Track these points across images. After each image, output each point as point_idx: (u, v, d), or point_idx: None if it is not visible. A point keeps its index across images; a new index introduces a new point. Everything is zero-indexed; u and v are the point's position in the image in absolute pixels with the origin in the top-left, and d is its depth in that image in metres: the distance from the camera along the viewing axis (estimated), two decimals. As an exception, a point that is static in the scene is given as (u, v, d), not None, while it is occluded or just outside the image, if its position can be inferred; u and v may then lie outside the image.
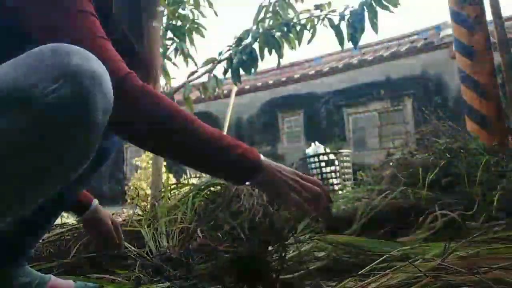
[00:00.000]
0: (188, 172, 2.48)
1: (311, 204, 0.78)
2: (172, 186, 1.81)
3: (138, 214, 1.58)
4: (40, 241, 1.19)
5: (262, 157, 0.77)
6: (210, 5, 2.84)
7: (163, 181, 2.59)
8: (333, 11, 2.41)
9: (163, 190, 1.89)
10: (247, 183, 0.78)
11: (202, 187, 1.64)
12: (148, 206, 1.77)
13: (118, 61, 0.69)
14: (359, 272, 0.76)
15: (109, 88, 0.59)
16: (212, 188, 1.64)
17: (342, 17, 2.33)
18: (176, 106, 0.71)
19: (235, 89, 4.09)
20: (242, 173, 0.75)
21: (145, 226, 1.34)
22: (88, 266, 1.17)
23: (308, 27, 2.52)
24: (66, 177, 0.62)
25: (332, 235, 1.03)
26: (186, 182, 1.93)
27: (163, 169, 3.32)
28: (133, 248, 1.24)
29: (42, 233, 0.99)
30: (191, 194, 1.60)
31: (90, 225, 1.07)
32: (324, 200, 0.80)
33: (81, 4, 0.68)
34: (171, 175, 5.31)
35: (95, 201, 1.06)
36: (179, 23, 2.79)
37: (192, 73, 2.76)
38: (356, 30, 2.24)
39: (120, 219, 1.58)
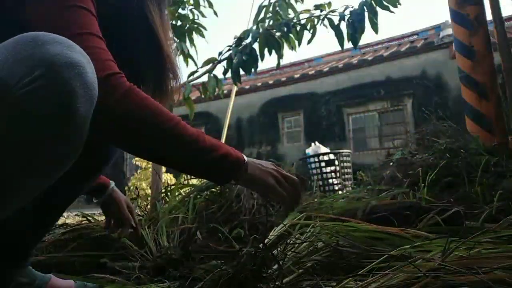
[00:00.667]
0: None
1: (292, 195, 0.82)
2: (173, 187, 1.81)
3: (138, 215, 1.58)
4: (41, 241, 1.19)
5: (245, 156, 0.78)
6: (210, 5, 2.84)
7: (162, 181, 2.59)
8: (333, 11, 2.41)
9: (163, 190, 1.89)
10: (232, 182, 0.79)
11: (203, 187, 1.64)
12: (149, 206, 1.77)
13: (105, 59, 0.65)
14: (359, 272, 0.76)
15: (92, 78, 0.56)
16: (213, 189, 1.64)
17: (342, 17, 2.33)
18: (160, 108, 0.69)
19: (235, 89, 4.09)
20: (225, 173, 0.76)
21: (146, 227, 1.34)
22: (88, 266, 1.17)
23: (308, 27, 2.52)
24: (48, 174, 0.58)
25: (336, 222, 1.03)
26: (186, 182, 1.93)
27: (163, 169, 3.32)
28: (133, 247, 1.24)
29: (43, 233, 0.99)
30: (191, 195, 1.61)
31: (106, 207, 1.10)
32: (300, 191, 0.85)
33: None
34: (171, 175, 5.32)
35: (112, 183, 1.09)
36: (179, 23, 2.79)
37: (192, 73, 2.75)
38: (356, 30, 2.24)
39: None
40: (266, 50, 2.49)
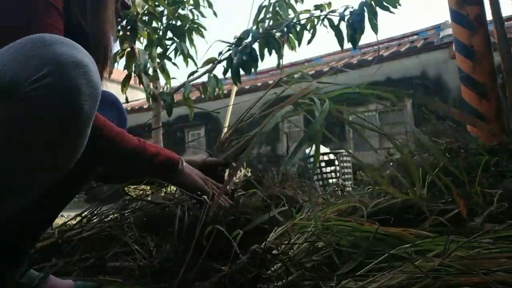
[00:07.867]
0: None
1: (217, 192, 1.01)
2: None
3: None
4: (39, 240, 1.19)
5: (181, 161, 0.97)
6: (210, 5, 2.84)
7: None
8: (333, 11, 2.42)
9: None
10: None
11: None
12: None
13: None
14: (359, 272, 0.76)
15: (96, 77, 0.58)
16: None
17: (342, 18, 2.33)
18: (112, 126, 0.80)
19: (235, 89, 4.09)
20: (165, 174, 0.97)
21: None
22: (88, 266, 1.16)
23: (308, 27, 2.52)
24: (57, 168, 0.60)
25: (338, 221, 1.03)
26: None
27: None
28: (134, 247, 1.23)
29: (41, 232, 0.99)
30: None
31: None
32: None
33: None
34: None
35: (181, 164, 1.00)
36: (179, 23, 2.79)
37: (192, 73, 2.76)
38: (355, 30, 2.24)
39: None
40: (266, 50, 2.49)
